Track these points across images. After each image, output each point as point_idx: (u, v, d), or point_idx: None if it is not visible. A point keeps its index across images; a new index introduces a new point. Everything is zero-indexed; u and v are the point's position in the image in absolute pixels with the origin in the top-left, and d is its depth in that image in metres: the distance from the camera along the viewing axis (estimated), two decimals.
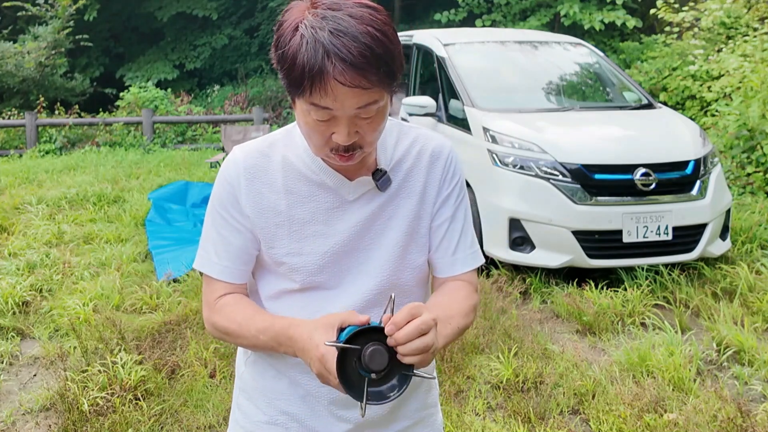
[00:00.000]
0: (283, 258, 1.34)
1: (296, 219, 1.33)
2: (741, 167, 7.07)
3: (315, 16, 1.14)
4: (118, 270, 5.17)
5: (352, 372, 1.13)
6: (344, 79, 1.12)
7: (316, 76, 1.12)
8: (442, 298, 1.40)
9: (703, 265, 4.95)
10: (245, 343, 1.36)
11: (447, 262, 1.43)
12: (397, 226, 1.36)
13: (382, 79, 1.15)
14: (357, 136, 1.21)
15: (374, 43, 1.13)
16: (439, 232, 1.41)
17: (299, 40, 1.13)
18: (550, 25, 13.00)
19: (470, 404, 3.31)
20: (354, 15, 1.13)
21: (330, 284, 1.35)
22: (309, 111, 1.18)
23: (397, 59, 1.17)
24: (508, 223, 4.78)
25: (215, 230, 1.38)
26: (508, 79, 6.11)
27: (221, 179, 1.37)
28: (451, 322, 1.33)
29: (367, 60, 1.12)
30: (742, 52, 8.10)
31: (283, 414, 1.41)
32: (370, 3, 1.18)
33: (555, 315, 4.45)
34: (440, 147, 1.41)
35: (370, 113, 1.19)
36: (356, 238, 1.34)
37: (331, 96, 1.14)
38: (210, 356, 3.73)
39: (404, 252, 1.37)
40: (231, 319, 1.35)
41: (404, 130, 1.42)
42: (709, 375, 3.62)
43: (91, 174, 9.12)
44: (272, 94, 15.07)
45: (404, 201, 1.37)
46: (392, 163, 1.37)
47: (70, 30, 14.09)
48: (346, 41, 1.11)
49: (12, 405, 3.40)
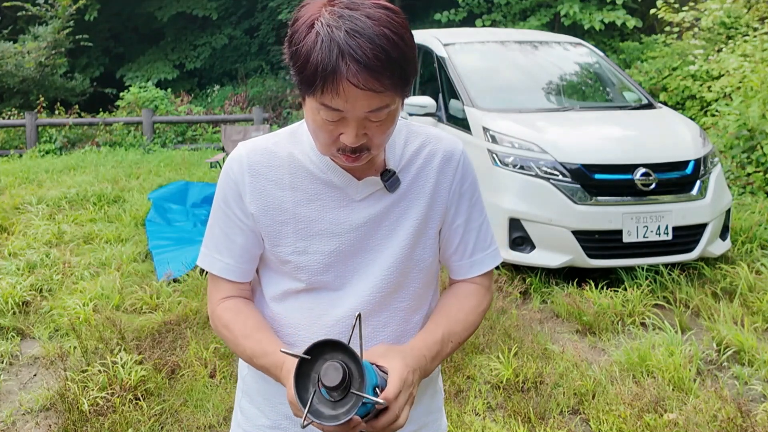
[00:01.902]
0: (288, 256, 1.32)
1: (302, 217, 1.32)
2: (741, 167, 7.07)
3: (332, 14, 1.11)
4: (118, 270, 5.17)
5: (311, 385, 1.10)
6: (357, 80, 1.09)
7: (329, 76, 1.10)
8: (451, 307, 1.38)
9: (703, 265, 4.95)
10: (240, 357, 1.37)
11: (464, 265, 1.42)
12: (405, 228, 1.34)
13: (395, 83, 1.13)
14: (365, 138, 1.19)
15: (390, 46, 1.11)
16: (455, 235, 1.39)
17: (314, 37, 1.10)
18: (550, 25, 13.00)
19: (470, 404, 3.31)
20: (371, 16, 1.11)
21: (336, 285, 1.33)
22: (318, 110, 1.16)
23: (411, 64, 1.15)
24: (508, 223, 4.78)
25: (218, 227, 1.37)
26: (508, 79, 6.11)
27: (225, 176, 1.35)
28: (453, 340, 1.34)
29: (381, 63, 1.10)
30: (742, 52, 8.10)
31: (286, 419, 1.40)
32: (389, 5, 1.16)
33: (555, 315, 4.45)
34: (452, 149, 1.38)
35: (380, 117, 1.17)
36: (363, 239, 1.32)
37: (343, 97, 1.11)
38: (210, 356, 3.73)
39: (411, 253, 1.35)
40: (229, 329, 1.35)
41: (414, 131, 1.39)
42: (709, 375, 3.62)
43: (91, 174, 9.11)
44: (272, 94, 15.07)
45: (413, 203, 1.35)
46: (401, 164, 1.34)
47: (70, 30, 14.09)
48: (362, 42, 1.09)
49: (12, 405, 3.40)
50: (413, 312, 1.39)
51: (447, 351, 1.33)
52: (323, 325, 1.33)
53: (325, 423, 1.07)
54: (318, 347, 1.09)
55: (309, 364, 1.10)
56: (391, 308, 1.35)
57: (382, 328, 1.35)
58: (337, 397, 1.08)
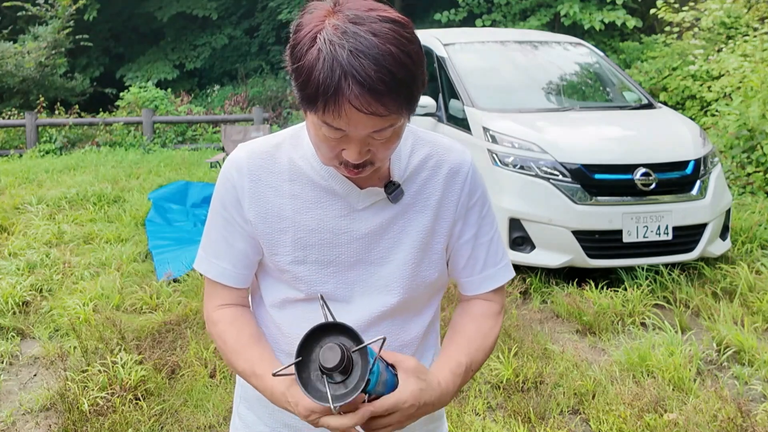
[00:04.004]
0: (287, 266, 1.28)
1: (302, 225, 1.27)
2: (741, 167, 7.07)
3: (335, 29, 1.04)
4: (118, 270, 5.17)
5: (318, 381, 1.07)
6: (360, 104, 1.04)
7: (331, 98, 1.04)
8: (471, 332, 1.34)
9: (703, 265, 4.95)
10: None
11: (475, 281, 1.38)
12: (409, 241, 1.29)
13: (400, 105, 1.07)
14: (369, 154, 1.14)
15: (396, 66, 1.04)
16: (464, 251, 1.35)
17: (316, 54, 1.04)
18: (550, 25, 13.01)
19: (470, 404, 3.31)
20: (377, 32, 1.04)
21: (336, 296, 1.29)
22: (320, 126, 1.11)
23: (419, 80, 1.09)
24: (508, 223, 4.78)
25: (217, 231, 1.33)
26: (508, 79, 6.11)
27: (224, 179, 1.30)
28: (472, 367, 1.30)
29: (386, 85, 1.03)
30: (742, 52, 8.10)
31: (285, 426, 1.38)
32: (396, 16, 1.08)
33: (555, 315, 4.45)
34: (459, 162, 1.32)
35: (385, 136, 1.12)
36: (364, 250, 1.28)
37: (345, 119, 1.06)
38: (210, 356, 3.73)
39: (417, 269, 1.30)
40: (223, 340, 1.32)
41: (420, 138, 1.33)
42: (709, 375, 3.62)
43: (91, 174, 9.11)
44: (272, 94, 15.07)
45: (417, 215, 1.29)
46: (406, 174, 1.29)
47: (70, 30, 14.09)
48: (366, 64, 1.02)
49: (12, 405, 3.39)
50: (414, 321, 1.35)
51: (468, 379, 1.30)
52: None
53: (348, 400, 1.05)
54: (305, 344, 1.07)
55: (306, 364, 1.07)
56: (394, 321, 1.32)
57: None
58: (342, 377, 1.05)
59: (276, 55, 17.50)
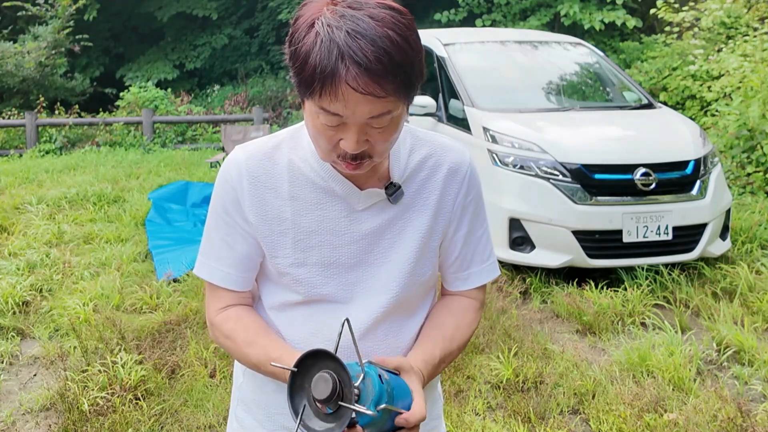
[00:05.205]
0: (287, 268, 1.27)
1: (302, 227, 1.26)
2: (741, 167, 7.07)
3: (333, 13, 1.05)
4: (118, 270, 5.17)
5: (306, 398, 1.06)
6: (357, 84, 1.04)
7: (327, 78, 1.04)
8: (449, 327, 1.35)
9: (703, 265, 4.95)
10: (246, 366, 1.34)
11: (461, 277, 1.38)
12: (409, 241, 1.29)
13: (398, 88, 1.07)
14: (366, 144, 1.13)
15: (393, 48, 1.04)
16: (455, 248, 1.35)
17: (314, 38, 1.05)
18: (550, 25, 13.00)
19: (470, 404, 3.31)
20: (375, 16, 1.05)
21: (335, 298, 1.28)
22: (318, 114, 1.11)
23: (416, 68, 1.09)
24: (508, 223, 4.78)
25: (217, 235, 1.31)
26: (508, 79, 6.11)
27: (223, 181, 1.29)
28: (446, 360, 1.33)
29: (383, 66, 1.04)
30: (742, 52, 8.10)
31: (282, 429, 1.37)
32: (395, 5, 1.09)
33: (555, 315, 4.45)
34: (459, 161, 1.33)
35: (382, 123, 1.11)
36: (364, 251, 1.28)
37: (342, 101, 1.06)
38: (210, 356, 3.74)
39: (414, 268, 1.30)
40: (232, 339, 1.31)
41: (419, 138, 1.33)
42: (709, 375, 3.62)
43: (91, 174, 9.11)
44: (272, 94, 15.07)
45: (417, 215, 1.30)
46: (405, 174, 1.29)
47: (70, 30, 14.09)
48: (363, 44, 1.03)
49: (12, 405, 3.39)
50: (409, 323, 1.35)
51: (440, 370, 1.33)
52: (323, 339, 1.28)
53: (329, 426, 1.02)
54: (311, 357, 1.05)
55: (304, 376, 1.06)
56: (390, 321, 1.32)
57: (381, 340, 1.31)
58: (331, 409, 1.02)
59: (276, 55, 17.50)
